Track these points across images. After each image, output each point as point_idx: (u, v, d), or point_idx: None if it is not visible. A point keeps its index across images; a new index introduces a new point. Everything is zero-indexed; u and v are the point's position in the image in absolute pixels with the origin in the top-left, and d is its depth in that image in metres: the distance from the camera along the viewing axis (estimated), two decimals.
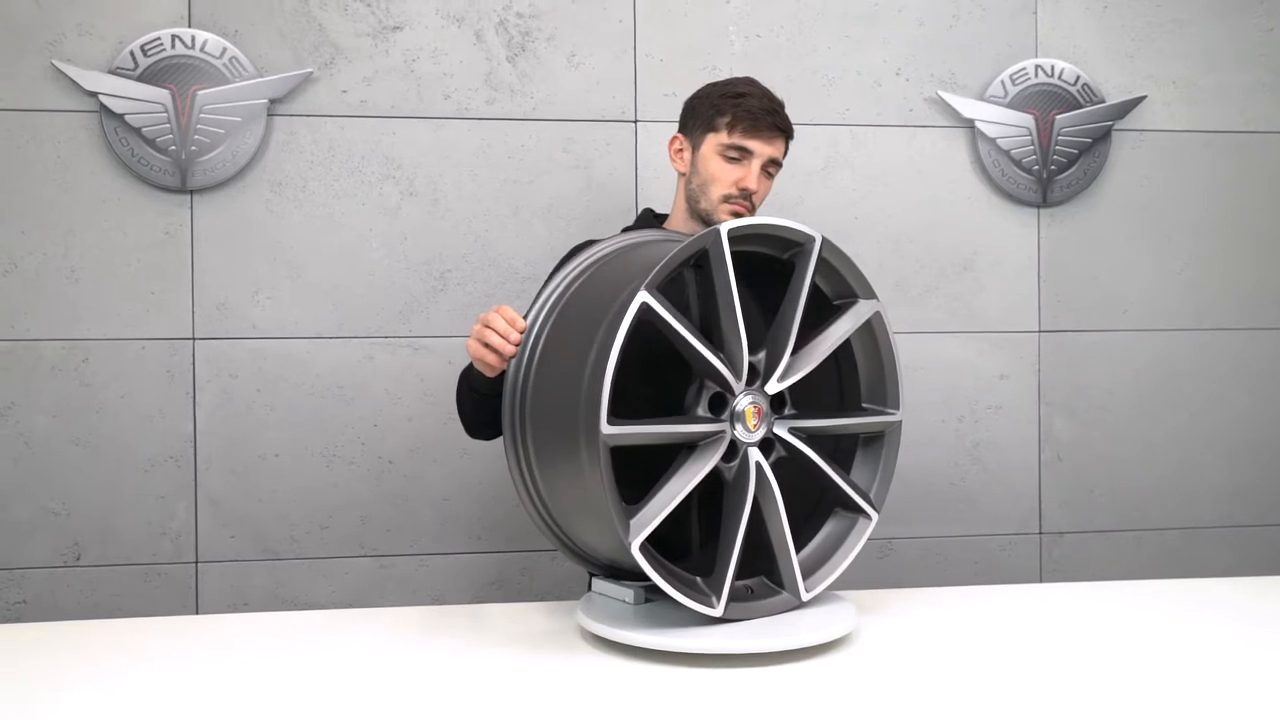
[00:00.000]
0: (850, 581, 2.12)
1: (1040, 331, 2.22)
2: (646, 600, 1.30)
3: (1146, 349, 2.26)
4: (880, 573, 2.19)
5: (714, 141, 1.54)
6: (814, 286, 1.34)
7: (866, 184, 2.17)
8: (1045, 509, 2.23)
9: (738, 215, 1.52)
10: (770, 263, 1.32)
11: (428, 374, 2.05)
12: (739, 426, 1.22)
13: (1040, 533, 2.23)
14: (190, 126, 1.96)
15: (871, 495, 1.37)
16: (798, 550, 1.32)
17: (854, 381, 1.41)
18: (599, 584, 1.36)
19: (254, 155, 1.99)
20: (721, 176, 1.53)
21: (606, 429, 1.11)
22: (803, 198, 2.15)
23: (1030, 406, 2.22)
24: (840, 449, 1.41)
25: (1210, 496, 2.28)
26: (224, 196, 2.00)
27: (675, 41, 2.11)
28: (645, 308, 1.15)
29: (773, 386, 1.24)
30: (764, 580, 1.30)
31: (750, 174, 1.51)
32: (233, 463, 2.01)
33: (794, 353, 1.28)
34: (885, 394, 1.38)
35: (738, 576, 1.29)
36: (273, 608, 2.01)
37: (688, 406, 1.29)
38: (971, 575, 2.20)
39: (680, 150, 1.60)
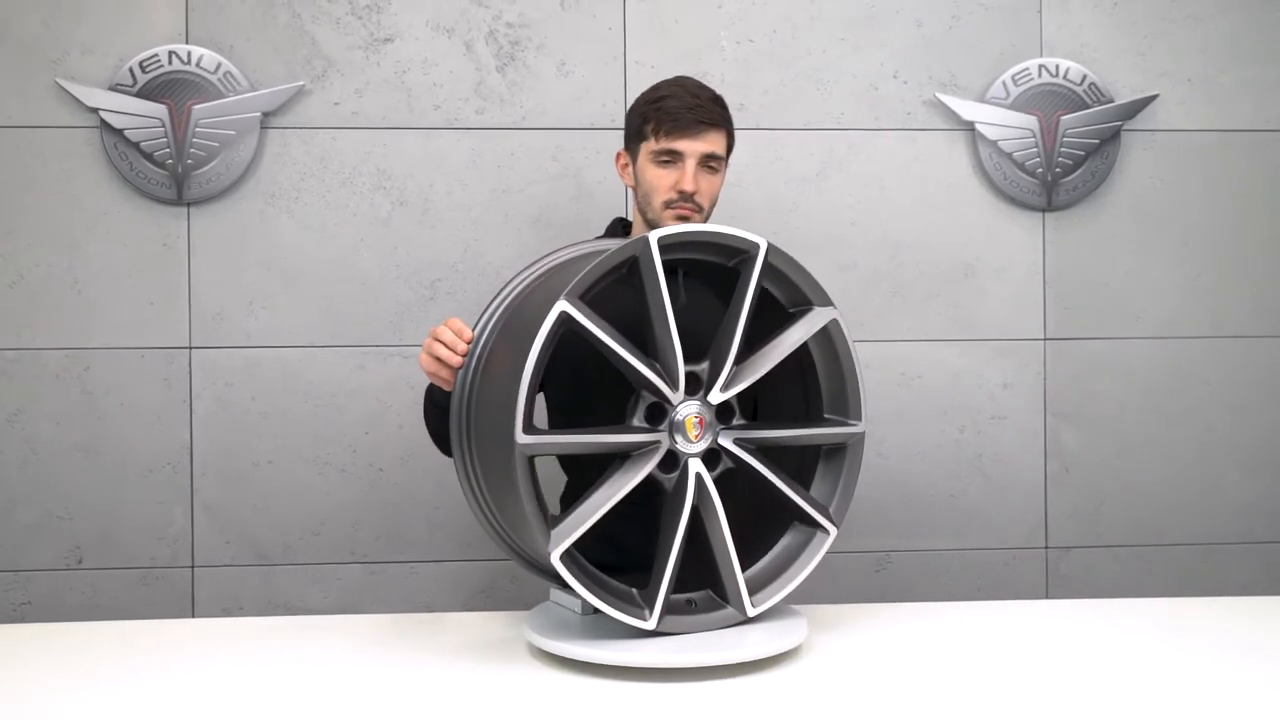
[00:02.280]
0: (845, 595, 2.10)
1: (1046, 339, 2.15)
2: (595, 611, 1.29)
3: (1160, 357, 2.17)
4: (877, 586, 2.14)
5: (646, 150, 1.53)
6: (771, 295, 1.32)
7: (863, 189, 2.13)
8: (1052, 523, 2.16)
9: (684, 219, 1.50)
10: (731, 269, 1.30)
11: (418, 383, 2.03)
12: (679, 437, 1.21)
13: (1046, 547, 2.16)
14: (186, 140, 2.00)
15: (832, 509, 1.32)
16: (754, 563, 1.29)
17: (818, 392, 1.38)
18: (555, 594, 1.35)
19: (248, 167, 2.02)
20: (658, 183, 1.52)
21: (522, 439, 1.11)
22: (797, 204, 2.12)
23: (1035, 417, 2.16)
24: (806, 461, 1.38)
25: (1228, 510, 2.18)
26: (219, 208, 2.04)
27: (666, 48, 2.10)
28: (567, 317, 1.14)
29: (715, 396, 1.22)
30: (710, 594, 1.28)
31: (685, 175, 1.49)
32: (227, 469, 2.05)
33: (742, 362, 1.26)
34: (847, 404, 1.33)
35: (688, 589, 1.27)
36: (266, 612, 2.05)
37: (627, 416, 1.27)
38: (974, 590, 2.14)
39: (625, 165, 1.60)
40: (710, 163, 1.51)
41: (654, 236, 1.19)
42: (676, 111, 1.49)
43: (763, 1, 2.11)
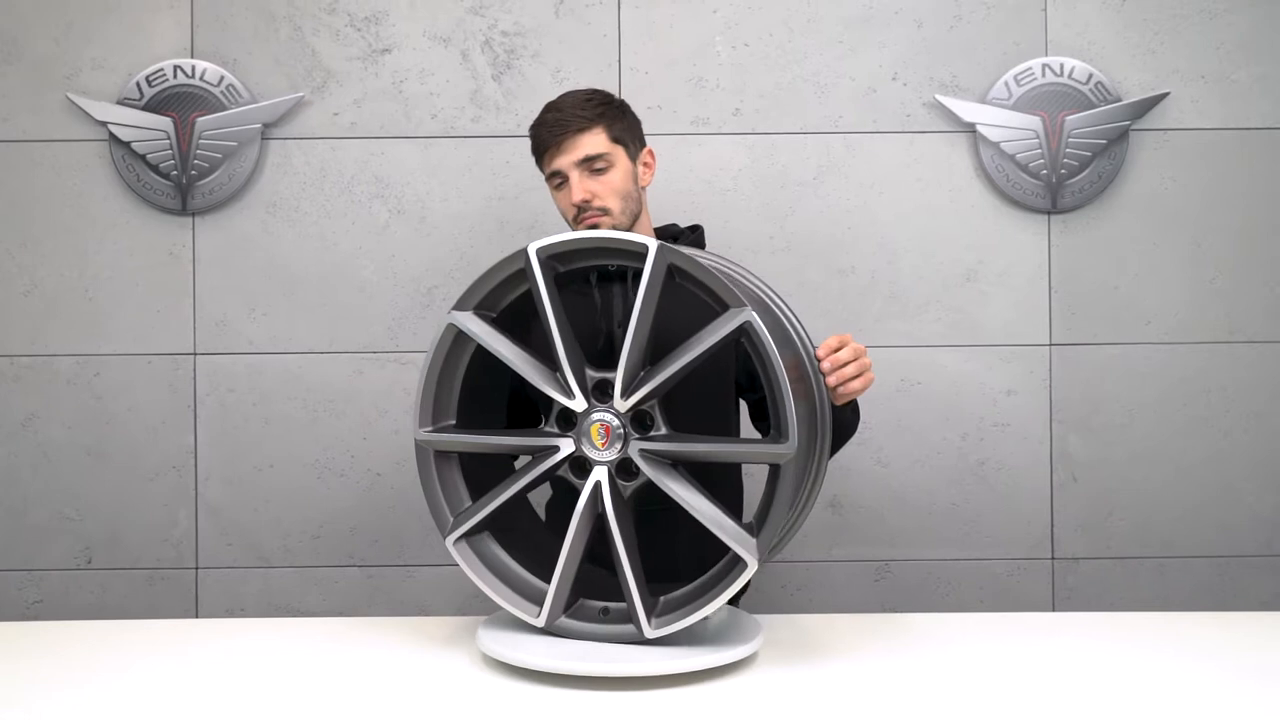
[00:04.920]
0: (841, 604, 2.06)
1: (1051, 345, 2.10)
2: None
3: (1174, 363, 2.10)
4: (876, 596, 2.10)
5: (545, 180, 1.58)
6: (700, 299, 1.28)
7: (861, 193, 2.10)
8: (1058, 533, 2.10)
9: (594, 227, 1.51)
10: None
11: (414, 388, 2.07)
12: (585, 444, 1.21)
13: (1052, 558, 2.10)
14: (190, 152, 2.05)
15: (758, 538, 1.18)
16: (691, 579, 1.25)
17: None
18: None
19: (249, 178, 2.07)
20: (562, 204, 1.57)
21: (419, 434, 1.27)
22: (793, 208, 2.10)
23: (1041, 424, 2.10)
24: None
25: (1244, 521, 2.10)
26: (223, 218, 2.09)
27: (660, 54, 2.10)
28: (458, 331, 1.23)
29: (620, 404, 1.20)
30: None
31: (573, 188, 1.52)
32: (230, 473, 2.09)
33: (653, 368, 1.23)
34: (779, 420, 1.18)
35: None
36: (267, 613, 2.08)
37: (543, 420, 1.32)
38: (976, 602, 2.09)
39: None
40: (595, 164, 1.52)
41: (533, 247, 1.22)
42: (541, 136, 1.55)
43: (759, 5, 2.10)
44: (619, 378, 1.19)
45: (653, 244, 1.18)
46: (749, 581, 1.62)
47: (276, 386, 2.09)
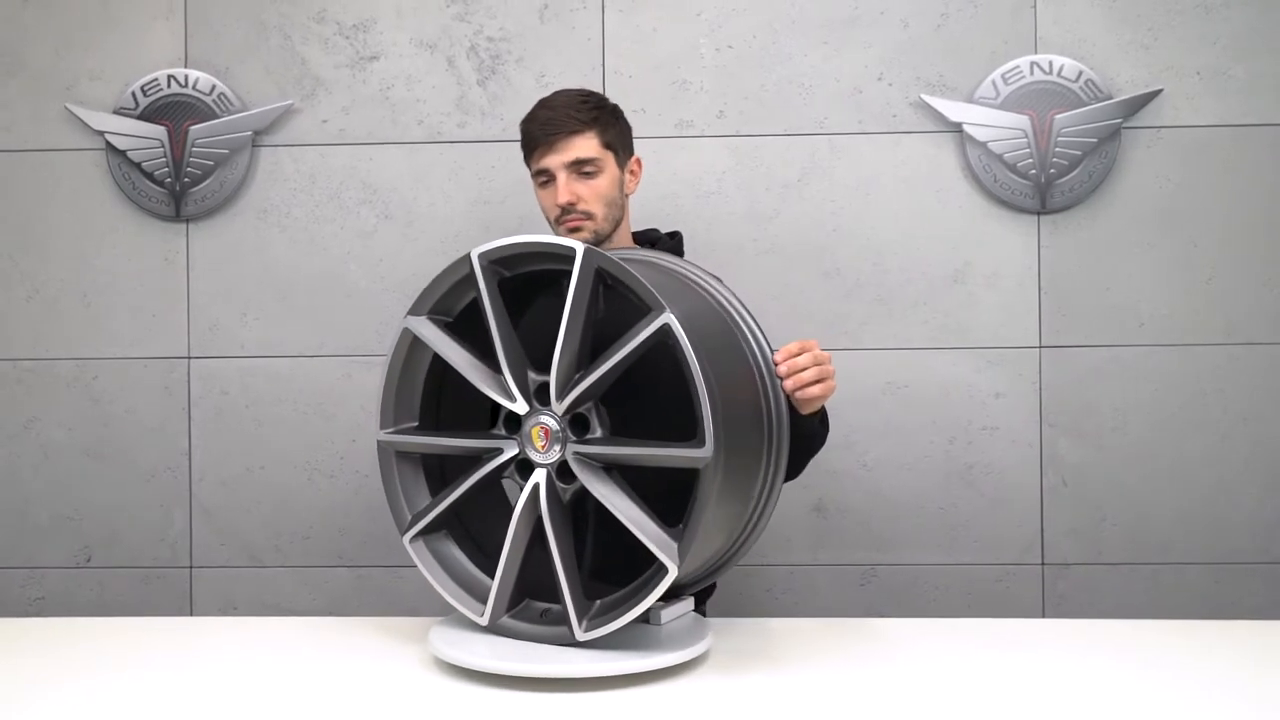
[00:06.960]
0: (828, 608, 2.06)
1: (1041, 347, 2.07)
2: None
3: (1167, 365, 2.06)
4: (862, 601, 2.09)
5: (531, 176, 1.58)
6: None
7: (846, 194, 2.09)
8: (1049, 538, 2.07)
9: (575, 230, 1.53)
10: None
11: None
12: (528, 446, 1.22)
13: (1042, 563, 2.07)
14: (184, 159, 2.10)
15: (680, 542, 1.15)
16: (630, 579, 1.24)
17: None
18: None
19: (241, 184, 2.11)
20: (545, 203, 1.56)
21: (380, 435, 1.31)
22: (778, 210, 2.09)
23: (1031, 427, 2.07)
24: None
25: (1242, 527, 2.05)
26: (216, 224, 2.13)
27: (644, 57, 2.10)
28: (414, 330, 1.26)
29: (556, 406, 1.20)
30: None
31: (559, 189, 1.51)
32: (223, 474, 2.13)
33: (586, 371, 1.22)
34: (698, 424, 1.14)
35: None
36: (259, 612, 2.12)
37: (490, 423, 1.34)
38: (964, 608, 2.07)
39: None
40: (584, 168, 1.52)
41: (475, 252, 1.23)
42: (533, 133, 1.53)
43: (743, 7, 2.09)
44: (553, 380, 1.20)
45: (580, 248, 1.18)
46: (714, 584, 1.62)
47: (268, 389, 2.13)
